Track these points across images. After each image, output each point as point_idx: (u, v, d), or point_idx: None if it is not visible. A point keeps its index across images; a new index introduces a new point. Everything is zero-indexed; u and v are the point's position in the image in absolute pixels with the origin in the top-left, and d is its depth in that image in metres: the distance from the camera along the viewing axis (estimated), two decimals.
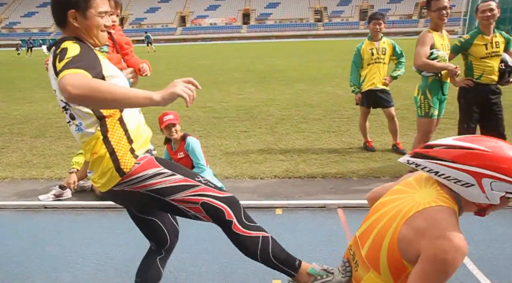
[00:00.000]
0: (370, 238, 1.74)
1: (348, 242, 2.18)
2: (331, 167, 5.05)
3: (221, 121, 7.75)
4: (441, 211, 1.57)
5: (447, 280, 1.49)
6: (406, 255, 1.58)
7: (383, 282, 1.68)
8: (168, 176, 1.94)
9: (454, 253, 1.47)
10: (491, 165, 1.53)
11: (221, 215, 1.99)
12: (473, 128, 4.62)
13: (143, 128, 2.05)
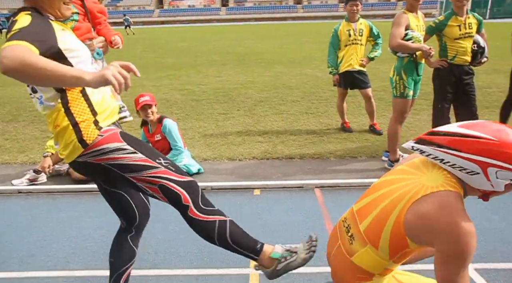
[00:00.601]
0: (371, 215, 1.76)
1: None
2: (309, 147, 5.10)
3: (199, 103, 7.69)
4: (449, 196, 1.59)
5: (469, 261, 1.54)
6: (412, 236, 1.63)
7: (378, 257, 1.73)
8: (129, 153, 1.92)
9: (465, 238, 1.51)
10: (497, 154, 1.54)
11: (178, 199, 1.99)
12: (447, 108, 4.71)
13: (109, 100, 2.02)
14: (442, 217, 1.55)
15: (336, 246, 1.94)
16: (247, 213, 3.53)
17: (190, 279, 2.66)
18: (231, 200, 3.81)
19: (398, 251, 1.70)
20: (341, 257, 1.87)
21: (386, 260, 1.74)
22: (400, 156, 4.37)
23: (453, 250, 1.54)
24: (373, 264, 1.76)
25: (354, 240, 1.81)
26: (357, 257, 1.79)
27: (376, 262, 1.75)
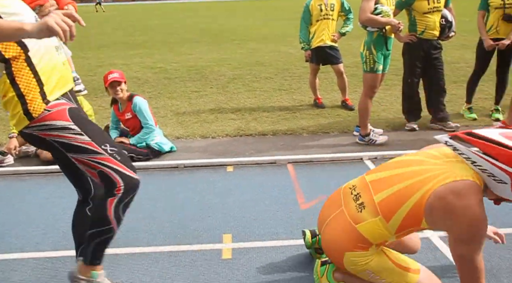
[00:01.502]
0: (390, 189, 1.82)
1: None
2: (282, 124, 5.11)
3: (171, 82, 7.58)
4: (475, 187, 1.71)
5: (482, 243, 1.76)
6: (430, 216, 1.74)
7: (385, 230, 1.81)
8: (74, 134, 1.90)
9: (480, 224, 1.70)
10: None
11: (113, 186, 1.98)
12: (416, 83, 4.79)
13: (58, 69, 1.96)
14: (464, 202, 1.68)
15: (337, 212, 1.98)
16: (220, 190, 3.54)
17: (163, 256, 2.67)
18: (204, 177, 3.81)
19: (407, 228, 1.81)
20: (343, 222, 1.91)
21: (391, 234, 1.83)
22: (371, 130, 4.44)
23: (469, 233, 1.71)
24: (376, 235, 1.84)
25: (364, 209, 1.87)
26: (363, 226, 1.85)
27: (381, 234, 1.83)
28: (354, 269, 1.92)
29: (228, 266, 2.55)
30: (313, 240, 2.44)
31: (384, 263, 1.90)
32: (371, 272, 1.90)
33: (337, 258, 1.95)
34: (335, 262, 2.02)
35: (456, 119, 5.05)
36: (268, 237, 2.82)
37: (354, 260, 1.88)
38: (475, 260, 1.75)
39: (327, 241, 2.00)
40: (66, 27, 1.55)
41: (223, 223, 3.02)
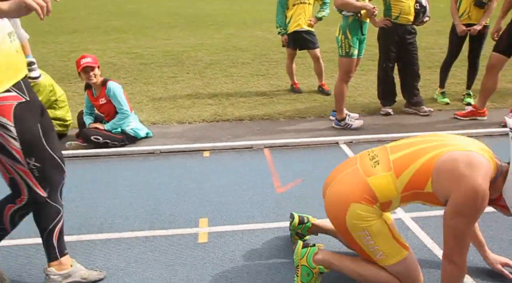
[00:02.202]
0: (405, 151, 1.92)
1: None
2: (259, 109, 5.11)
3: (147, 67, 7.46)
4: (488, 167, 1.79)
5: (476, 218, 1.80)
6: (436, 178, 1.81)
7: (393, 186, 1.88)
8: (9, 136, 1.88)
9: (481, 197, 1.73)
10: None
11: (17, 194, 2.05)
12: (391, 68, 4.85)
13: (13, 56, 1.90)
14: (473, 173, 1.73)
15: (351, 169, 2.03)
16: (197, 175, 3.53)
17: (139, 241, 2.66)
18: (181, 162, 3.79)
19: (412, 189, 1.86)
20: (355, 175, 1.98)
21: (397, 192, 1.88)
22: (347, 114, 4.48)
23: (466, 205, 1.74)
24: (384, 191, 1.89)
25: (378, 164, 1.94)
26: (374, 179, 1.91)
27: (388, 190, 1.89)
28: (354, 226, 1.92)
29: (204, 249, 2.56)
30: (299, 226, 2.47)
31: (384, 229, 1.94)
32: (368, 235, 1.92)
33: (341, 211, 1.95)
34: (337, 218, 2.00)
35: (430, 104, 5.15)
36: (244, 220, 2.84)
37: (359, 213, 1.90)
38: (465, 234, 1.80)
39: (334, 193, 2.02)
40: (43, 3, 1.57)
41: (199, 208, 3.02)
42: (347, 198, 1.95)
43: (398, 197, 1.92)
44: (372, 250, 1.96)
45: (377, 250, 1.94)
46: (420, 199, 1.94)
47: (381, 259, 1.96)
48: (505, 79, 6.00)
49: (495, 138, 4.15)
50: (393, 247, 1.95)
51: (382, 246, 1.94)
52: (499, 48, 4.22)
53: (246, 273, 2.33)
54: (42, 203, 2.08)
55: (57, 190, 2.14)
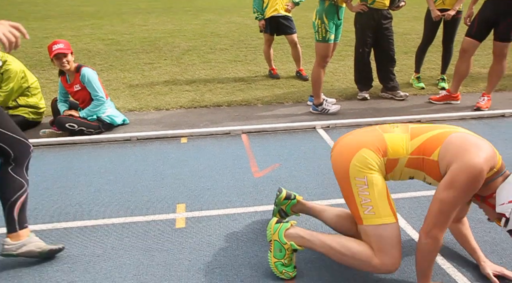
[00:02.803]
0: (421, 125, 2.09)
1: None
2: (237, 95, 5.10)
3: (124, 53, 7.34)
4: (492, 157, 1.86)
5: (465, 197, 1.84)
6: (443, 149, 1.91)
7: (404, 146, 2.01)
8: None
9: (476, 176, 1.80)
10: None
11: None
12: (367, 52, 4.89)
13: None
14: (478, 153, 1.82)
15: (370, 129, 2.15)
16: (174, 161, 3.52)
17: (115, 228, 2.64)
18: (158, 148, 3.77)
19: (421, 153, 1.97)
20: (372, 130, 2.12)
21: (407, 153, 1.99)
22: (324, 100, 4.51)
23: (462, 179, 1.80)
24: (396, 147, 2.02)
25: (397, 127, 2.09)
26: (390, 135, 2.05)
27: (400, 147, 2.01)
28: (357, 170, 1.97)
29: (181, 234, 2.57)
30: (285, 201, 2.48)
31: (382, 185, 1.98)
32: (366, 184, 1.95)
33: (349, 154, 2.01)
34: (342, 161, 2.03)
35: (406, 89, 5.23)
36: (221, 205, 2.86)
37: (365, 158, 1.97)
38: (450, 211, 1.84)
39: (347, 140, 2.10)
40: (12, 38, 1.64)
41: (177, 193, 3.02)
42: (359, 143, 2.04)
43: (406, 158, 1.99)
44: (363, 203, 1.96)
45: (369, 204, 1.95)
46: (422, 168, 1.99)
47: (368, 216, 1.95)
48: (477, 64, 6.12)
49: (468, 121, 4.25)
50: (384, 207, 1.95)
51: (375, 201, 1.95)
52: (471, 33, 4.30)
53: (223, 257, 2.35)
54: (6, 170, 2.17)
55: (22, 165, 2.21)
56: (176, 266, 2.29)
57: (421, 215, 2.68)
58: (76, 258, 2.37)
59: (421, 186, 2.91)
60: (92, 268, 2.28)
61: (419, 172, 2.02)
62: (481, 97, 4.55)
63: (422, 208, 2.76)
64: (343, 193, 2.07)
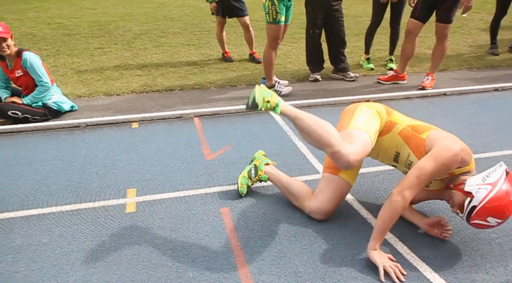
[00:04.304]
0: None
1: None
2: (190, 79, 5.05)
3: (72, 38, 7.06)
4: (469, 152, 2.16)
5: (439, 170, 2.07)
6: (433, 133, 2.22)
7: (405, 120, 2.37)
8: None
9: (451, 153, 2.06)
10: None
11: None
12: (318, 34, 4.95)
13: None
14: (460, 144, 2.12)
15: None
16: (125, 146, 3.46)
17: (64, 215, 2.59)
18: (108, 134, 3.69)
19: (413, 130, 2.29)
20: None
21: (404, 124, 2.34)
22: (276, 82, 4.55)
23: (442, 150, 2.08)
24: (398, 116, 2.41)
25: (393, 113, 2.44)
26: (394, 112, 2.45)
27: (400, 119, 2.38)
28: (363, 109, 2.37)
29: (132, 219, 2.55)
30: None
31: (377, 124, 2.32)
32: (368, 113, 2.34)
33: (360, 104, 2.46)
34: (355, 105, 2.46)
35: (356, 70, 5.35)
36: (173, 188, 2.85)
37: (372, 105, 2.40)
38: (424, 179, 2.07)
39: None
40: None
41: (127, 178, 2.98)
42: (368, 102, 2.46)
43: (401, 127, 2.33)
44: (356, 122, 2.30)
45: (359, 121, 2.28)
46: (409, 143, 2.28)
47: (354, 124, 2.27)
48: (423, 45, 6.35)
49: (413, 100, 4.42)
50: (372, 131, 2.26)
51: (366, 124, 2.27)
52: (415, 15, 4.44)
53: (174, 239, 2.36)
54: None
55: None
56: (127, 250, 2.28)
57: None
58: (21, 248, 2.30)
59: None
60: (38, 257, 2.23)
61: (406, 147, 2.29)
62: (426, 77, 4.73)
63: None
64: (341, 122, 2.38)
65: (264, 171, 2.72)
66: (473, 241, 2.31)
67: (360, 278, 2.06)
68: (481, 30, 7.33)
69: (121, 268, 2.15)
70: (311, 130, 2.12)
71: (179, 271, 2.12)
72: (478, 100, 4.40)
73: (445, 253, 2.22)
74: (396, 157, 2.36)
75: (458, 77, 5.14)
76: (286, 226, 2.45)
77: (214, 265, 2.15)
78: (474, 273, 2.08)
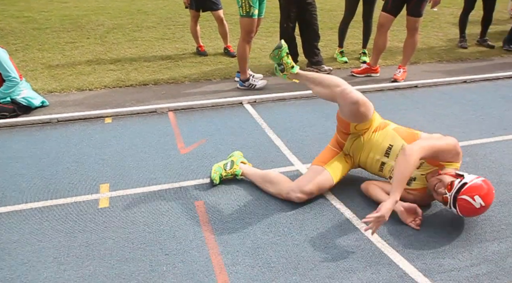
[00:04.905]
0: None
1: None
2: (164, 73, 5.00)
3: (42, 32, 6.88)
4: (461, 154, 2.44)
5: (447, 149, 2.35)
6: (425, 135, 2.53)
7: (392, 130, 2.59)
8: None
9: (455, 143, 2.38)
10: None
11: None
12: (292, 27, 4.97)
13: None
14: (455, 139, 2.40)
15: None
16: (98, 141, 3.41)
17: (35, 212, 2.54)
18: (81, 130, 3.63)
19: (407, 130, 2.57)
20: None
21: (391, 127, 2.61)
22: (250, 75, 4.55)
23: (442, 137, 2.42)
24: (385, 122, 2.65)
25: (388, 124, 2.66)
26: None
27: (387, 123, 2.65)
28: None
29: (105, 214, 2.52)
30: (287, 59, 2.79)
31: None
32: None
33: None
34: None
35: (331, 63, 5.40)
36: (146, 182, 2.83)
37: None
38: (432, 147, 2.31)
39: None
40: None
41: (100, 174, 2.94)
42: None
43: (394, 126, 2.60)
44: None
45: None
46: (405, 137, 2.51)
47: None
48: (396, 39, 6.45)
49: (385, 92, 4.50)
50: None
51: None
52: (386, 8, 4.51)
53: (148, 233, 2.35)
54: None
55: None
56: (99, 245, 2.26)
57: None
58: None
59: None
60: (7, 255, 2.19)
61: (400, 139, 2.51)
62: (398, 70, 4.81)
63: None
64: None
65: (240, 166, 2.82)
66: (441, 227, 2.38)
67: (332, 267, 2.10)
68: (451, 24, 7.49)
69: (93, 264, 2.13)
70: (322, 79, 2.60)
71: (152, 265, 2.12)
72: (448, 92, 4.51)
73: (414, 240, 2.28)
74: (388, 149, 2.52)
75: (429, 69, 5.25)
76: (260, 217, 2.47)
77: (188, 258, 2.16)
78: (441, 258, 2.15)
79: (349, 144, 2.65)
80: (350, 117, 2.49)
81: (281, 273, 2.06)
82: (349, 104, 2.41)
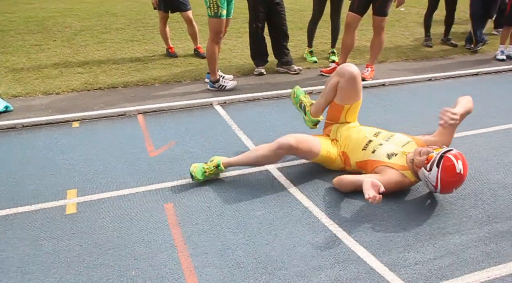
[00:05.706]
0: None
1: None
2: (133, 75, 4.95)
3: (5, 34, 6.69)
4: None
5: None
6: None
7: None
8: None
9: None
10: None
11: None
12: (261, 28, 4.99)
13: None
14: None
15: None
16: (65, 146, 3.35)
17: None
18: (47, 135, 3.56)
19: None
20: None
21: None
22: (220, 76, 4.55)
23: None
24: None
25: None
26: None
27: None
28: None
29: (72, 220, 2.48)
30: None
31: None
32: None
33: None
34: None
35: (300, 63, 5.45)
36: (115, 187, 2.80)
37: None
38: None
39: None
40: None
41: (67, 179, 2.89)
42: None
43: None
44: None
45: None
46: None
47: None
48: (364, 38, 6.56)
49: None
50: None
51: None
52: (353, 8, 4.59)
53: (116, 238, 2.32)
54: None
55: None
56: (66, 253, 2.22)
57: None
58: None
59: None
60: None
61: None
62: (366, 68, 4.91)
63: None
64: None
65: (220, 158, 2.87)
66: (406, 222, 2.45)
67: (301, 265, 2.13)
68: (417, 24, 7.67)
69: (60, 271, 2.09)
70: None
71: (121, 270, 2.10)
72: (414, 89, 4.63)
73: (381, 235, 2.34)
74: (378, 132, 2.82)
75: (396, 68, 5.37)
76: (229, 218, 2.48)
77: (157, 262, 2.15)
78: (407, 252, 2.21)
79: (335, 128, 2.96)
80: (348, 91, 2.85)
81: (250, 273, 2.08)
82: (348, 73, 2.78)
